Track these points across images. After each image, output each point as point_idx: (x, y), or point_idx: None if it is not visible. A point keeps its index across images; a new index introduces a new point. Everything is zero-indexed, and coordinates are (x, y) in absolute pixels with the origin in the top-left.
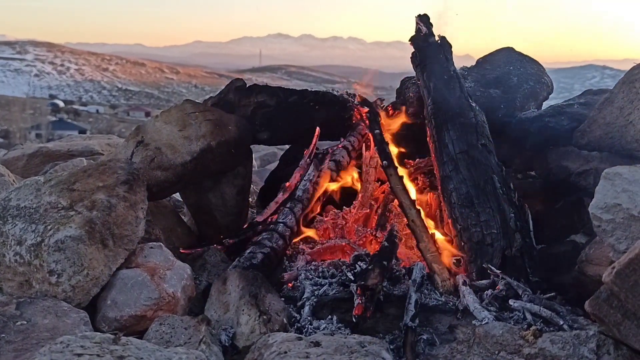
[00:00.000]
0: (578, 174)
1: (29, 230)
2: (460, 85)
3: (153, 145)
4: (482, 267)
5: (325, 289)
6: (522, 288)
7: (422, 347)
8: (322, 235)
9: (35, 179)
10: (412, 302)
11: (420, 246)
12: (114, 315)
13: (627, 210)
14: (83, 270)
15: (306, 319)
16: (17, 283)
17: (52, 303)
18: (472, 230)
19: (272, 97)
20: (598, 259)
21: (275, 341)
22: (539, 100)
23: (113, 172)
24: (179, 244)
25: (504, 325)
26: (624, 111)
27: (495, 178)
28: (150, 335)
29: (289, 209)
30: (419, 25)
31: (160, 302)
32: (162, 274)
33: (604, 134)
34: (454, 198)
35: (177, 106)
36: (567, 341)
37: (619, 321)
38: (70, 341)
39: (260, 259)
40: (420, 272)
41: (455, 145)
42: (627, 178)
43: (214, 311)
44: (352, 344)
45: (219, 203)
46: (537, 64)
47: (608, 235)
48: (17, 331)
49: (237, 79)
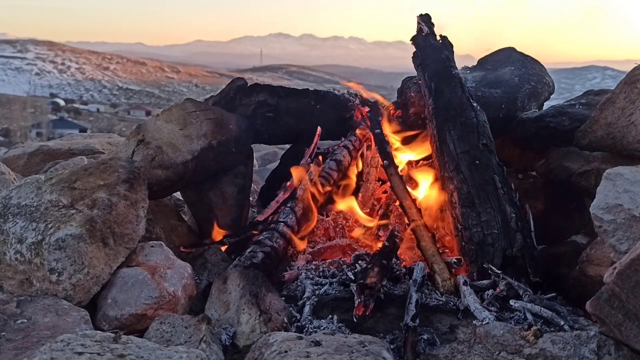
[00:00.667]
0: (579, 175)
1: (30, 228)
2: (461, 85)
3: (154, 144)
4: (482, 267)
5: (326, 289)
6: (522, 288)
7: (422, 347)
8: (322, 235)
9: (36, 177)
10: (413, 301)
11: (421, 246)
12: (114, 314)
13: (628, 210)
14: (84, 269)
15: (307, 318)
16: (17, 281)
17: (52, 301)
18: (473, 230)
19: (273, 97)
20: (599, 260)
21: (275, 340)
22: (540, 100)
23: (114, 171)
24: (179, 242)
25: (505, 325)
26: (626, 112)
27: (497, 178)
28: (151, 334)
29: (290, 208)
30: (420, 25)
31: (160, 301)
32: (163, 273)
33: (605, 134)
34: (455, 198)
35: (178, 105)
36: (567, 342)
37: (620, 322)
38: (70, 340)
39: (260, 258)
40: (421, 272)
41: (457, 145)
42: (629, 178)
43: (215, 310)
44: (352, 343)
45: (220, 202)
46: (539, 64)
47: (609, 235)
48: (18, 329)
49: (238, 78)
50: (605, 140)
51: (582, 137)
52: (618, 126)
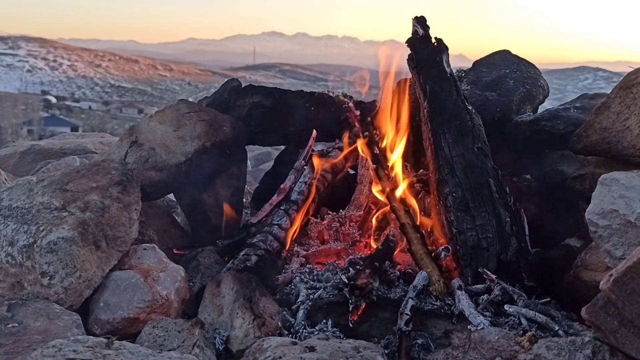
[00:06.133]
0: (574, 179)
1: (21, 231)
2: (456, 88)
3: (147, 145)
4: (477, 271)
5: (320, 293)
6: (517, 293)
7: (417, 351)
8: (316, 238)
9: (28, 178)
10: (409, 306)
11: (412, 249)
12: (106, 317)
13: (623, 216)
14: (75, 272)
15: (300, 323)
16: (8, 284)
17: (44, 305)
18: (468, 234)
19: (268, 98)
20: (594, 265)
21: (269, 346)
22: (535, 103)
23: (107, 173)
24: (172, 244)
25: (500, 330)
26: (621, 116)
27: (491, 182)
28: (144, 339)
29: (284, 211)
30: (415, 27)
31: (153, 305)
32: (156, 276)
33: (600, 139)
34: (450, 202)
35: (172, 106)
36: (562, 347)
37: (616, 329)
38: (62, 345)
39: (254, 261)
40: (423, 281)
41: (452, 149)
42: (624, 184)
43: (208, 314)
44: (347, 349)
45: (213, 204)
46: (534, 67)
47: (604, 241)
48: (9, 334)
49: (232, 79)
50: (600, 145)
51: (577, 141)
52: (613, 131)
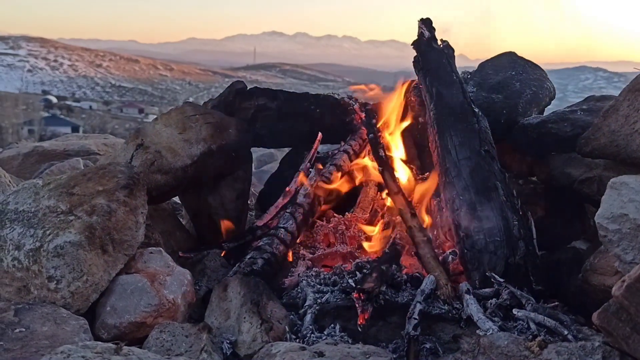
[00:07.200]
0: (581, 182)
1: (28, 234)
2: (463, 90)
3: (153, 148)
4: (485, 275)
5: (328, 297)
6: (525, 297)
7: (425, 356)
8: (322, 241)
9: (34, 182)
10: (417, 310)
11: (419, 252)
12: (113, 322)
13: (634, 220)
14: (82, 276)
15: (308, 327)
16: (15, 288)
17: (51, 309)
18: (475, 238)
19: (273, 100)
20: (603, 269)
21: (278, 351)
22: (541, 106)
23: (113, 176)
24: (177, 247)
25: (509, 335)
26: (630, 119)
27: (499, 184)
28: (151, 343)
29: (290, 214)
30: (421, 29)
31: (160, 309)
32: (162, 280)
33: (608, 142)
34: (457, 205)
35: (177, 109)
36: (572, 352)
37: (628, 335)
38: (71, 351)
39: (261, 264)
40: (431, 285)
41: (458, 152)
42: (634, 188)
43: (215, 318)
44: (356, 354)
45: (219, 207)
46: (540, 69)
47: (614, 245)
48: (16, 339)
49: (237, 81)
50: (608, 148)
51: (585, 144)
52: (622, 134)
